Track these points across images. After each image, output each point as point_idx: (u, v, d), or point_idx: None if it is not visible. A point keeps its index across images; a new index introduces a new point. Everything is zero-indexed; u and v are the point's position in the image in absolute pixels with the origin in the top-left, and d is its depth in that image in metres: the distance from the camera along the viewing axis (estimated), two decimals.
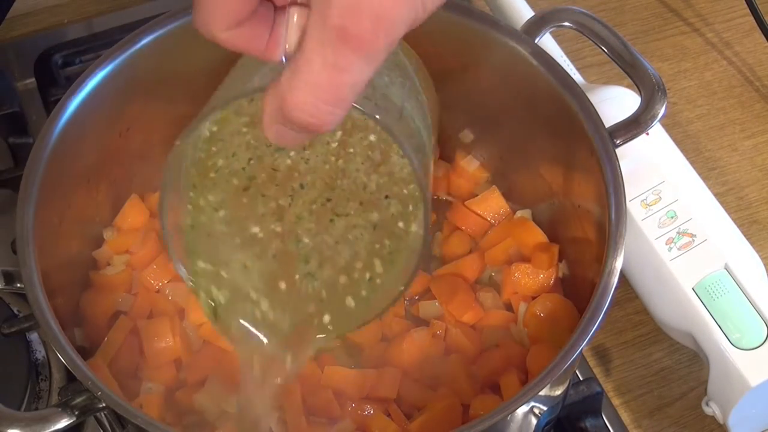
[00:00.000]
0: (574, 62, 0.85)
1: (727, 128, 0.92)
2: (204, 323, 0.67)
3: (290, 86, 0.37)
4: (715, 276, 0.70)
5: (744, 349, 0.67)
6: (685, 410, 0.75)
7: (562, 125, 0.65)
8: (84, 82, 0.65)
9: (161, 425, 0.54)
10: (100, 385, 0.54)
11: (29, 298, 0.57)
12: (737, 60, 0.97)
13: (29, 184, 0.61)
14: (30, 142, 0.86)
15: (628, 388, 0.77)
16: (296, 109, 0.37)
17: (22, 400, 0.70)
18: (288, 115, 0.38)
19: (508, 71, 0.68)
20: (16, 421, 0.54)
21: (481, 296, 0.71)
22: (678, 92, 0.94)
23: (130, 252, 0.71)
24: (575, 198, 0.68)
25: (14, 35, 0.96)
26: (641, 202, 0.74)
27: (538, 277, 0.69)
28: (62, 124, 0.63)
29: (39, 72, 0.92)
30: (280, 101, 0.38)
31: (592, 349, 0.78)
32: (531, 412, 0.60)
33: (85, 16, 0.98)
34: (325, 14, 0.36)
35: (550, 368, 0.54)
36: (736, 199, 0.87)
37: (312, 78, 0.37)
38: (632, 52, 0.66)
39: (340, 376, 0.65)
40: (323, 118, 0.38)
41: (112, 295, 0.69)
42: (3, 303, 0.75)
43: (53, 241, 0.64)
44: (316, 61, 0.36)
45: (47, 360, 0.74)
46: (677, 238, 0.72)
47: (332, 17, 0.36)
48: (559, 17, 0.69)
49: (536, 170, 0.72)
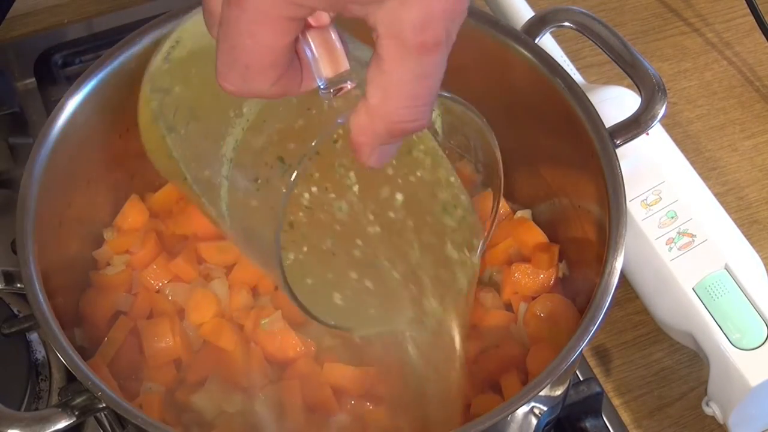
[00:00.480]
0: (574, 62, 0.85)
1: (728, 128, 0.92)
2: (204, 323, 0.67)
3: (386, 105, 0.40)
4: (715, 276, 0.70)
5: (744, 349, 0.67)
6: (685, 410, 0.75)
7: (562, 125, 0.65)
8: (84, 82, 0.65)
9: (161, 425, 0.54)
10: (100, 385, 0.54)
11: (29, 298, 0.57)
12: (737, 60, 0.97)
13: (29, 184, 0.61)
14: (30, 142, 0.86)
15: (628, 388, 0.77)
16: (399, 121, 0.40)
17: (22, 400, 0.70)
18: (391, 131, 0.40)
19: (508, 71, 0.68)
20: (16, 421, 0.54)
21: (482, 296, 0.71)
22: (678, 92, 0.94)
23: (130, 252, 0.71)
24: (575, 198, 0.68)
25: (14, 35, 0.96)
26: (641, 202, 0.74)
27: (538, 277, 0.69)
28: (62, 124, 0.63)
29: (39, 72, 0.92)
30: (380, 124, 0.40)
31: (592, 349, 0.78)
32: (531, 412, 0.60)
33: (85, 16, 0.98)
34: (401, 36, 0.38)
35: (550, 368, 0.54)
36: (736, 199, 0.87)
37: (405, 90, 0.39)
38: (632, 52, 0.66)
39: (340, 373, 0.65)
40: (424, 116, 0.40)
41: (112, 295, 0.69)
42: (3, 303, 0.75)
43: (53, 241, 0.64)
44: (405, 76, 0.39)
45: (47, 360, 0.74)
46: (677, 238, 0.72)
47: (410, 38, 0.38)
48: (559, 17, 0.69)
49: (536, 170, 0.72)
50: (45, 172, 0.62)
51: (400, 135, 0.41)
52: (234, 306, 0.68)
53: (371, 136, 0.41)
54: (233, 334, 0.66)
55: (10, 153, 0.87)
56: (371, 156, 0.42)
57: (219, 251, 0.70)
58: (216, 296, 0.68)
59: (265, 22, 0.38)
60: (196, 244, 0.70)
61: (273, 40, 0.39)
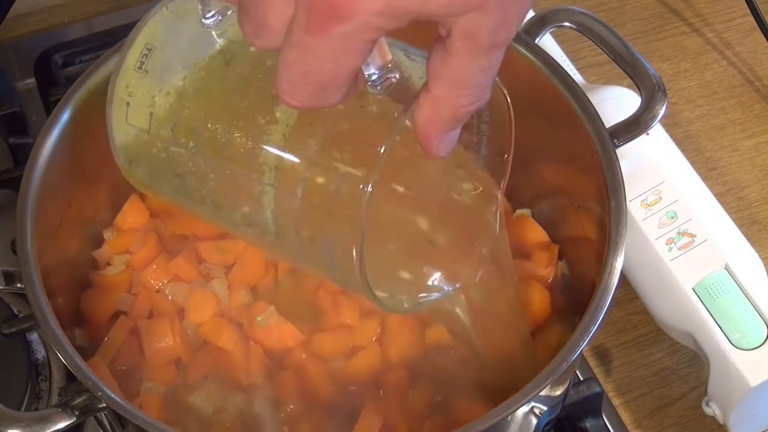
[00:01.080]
0: (574, 62, 0.85)
1: (728, 128, 0.92)
2: (204, 323, 0.67)
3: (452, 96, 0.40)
4: (715, 276, 0.70)
5: (744, 349, 0.67)
6: (686, 410, 0.75)
7: (563, 126, 0.65)
8: (84, 82, 0.65)
9: (161, 425, 0.54)
10: (100, 385, 0.54)
11: (29, 298, 0.57)
12: (737, 60, 0.97)
13: (29, 184, 0.61)
14: (30, 142, 0.86)
15: (628, 388, 0.77)
16: (463, 105, 0.41)
17: (22, 400, 0.70)
18: (456, 116, 0.41)
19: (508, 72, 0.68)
20: (16, 421, 0.54)
21: None
22: (678, 92, 0.95)
23: (130, 252, 0.71)
24: (575, 198, 0.68)
25: (14, 35, 0.96)
26: (641, 202, 0.74)
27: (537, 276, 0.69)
28: (62, 124, 0.63)
29: (39, 72, 0.92)
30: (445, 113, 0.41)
31: (592, 349, 0.78)
32: (531, 412, 0.60)
33: (85, 16, 0.98)
34: (476, 40, 0.38)
35: (550, 368, 0.54)
36: (736, 199, 0.87)
37: (472, 81, 0.40)
38: (632, 52, 0.66)
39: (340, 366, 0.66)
40: (485, 96, 0.41)
41: (112, 295, 0.69)
42: (3, 303, 0.75)
43: (53, 241, 0.64)
44: (473, 70, 0.39)
45: (47, 360, 0.74)
46: (677, 238, 0.72)
47: (484, 40, 0.38)
48: (559, 17, 0.69)
49: (536, 170, 0.72)
50: (45, 172, 0.62)
51: (465, 117, 0.41)
52: (233, 305, 0.68)
53: (438, 125, 0.42)
54: (233, 334, 0.66)
55: (10, 153, 0.87)
56: (440, 145, 0.43)
57: (218, 251, 0.70)
58: (216, 296, 0.68)
59: (351, 51, 0.37)
60: (195, 243, 0.70)
61: (356, 63, 0.38)
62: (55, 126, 0.63)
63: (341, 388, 0.65)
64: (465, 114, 0.41)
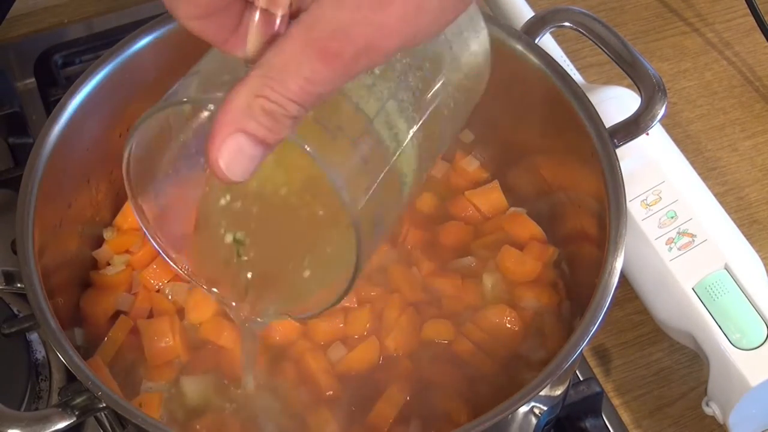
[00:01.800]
0: (574, 62, 0.85)
1: (727, 128, 0.92)
2: (204, 322, 0.67)
3: (263, 84, 0.37)
4: (715, 276, 0.70)
5: (744, 349, 0.67)
6: (685, 410, 0.75)
7: (563, 125, 0.65)
8: (84, 82, 0.65)
9: (161, 425, 0.54)
10: (100, 385, 0.54)
11: (29, 298, 0.57)
12: (737, 60, 0.97)
13: (29, 184, 0.61)
14: (30, 142, 0.86)
15: (628, 388, 0.77)
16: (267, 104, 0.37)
17: (22, 400, 0.70)
18: (262, 109, 0.37)
19: (508, 71, 0.68)
20: (16, 421, 0.54)
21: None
22: (678, 92, 0.95)
23: (130, 252, 0.71)
24: (575, 198, 0.68)
25: (14, 35, 0.96)
26: (641, 202, 0.74)
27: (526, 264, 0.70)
28: (62, 124, 0.63)
29: (39, 72, 0.92)
30: (249, 100, 0.37)
31: (592, 349, 0.78)
32: (531, 412, 0.60)
33: (85, 16, 0.98)
34: (311, 31, 0.36)
35: (550, 368, 0.54)
36: (736, 199, 0.87)
37: (285, 84, 0.36)
38: (632, 52, 0.66)
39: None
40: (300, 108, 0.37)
41: (112, 295, 0.69)
42: (3, 303, 0.75)
43: (53, 241, 0.64)
44: (291, 70, 0.36)
45: (47, 360, 0.74)
46: (677, 238, 0.72)
47: (318, 37, 0.36)
48: (559, 17, 0.69)
49: (536, 170, 0.72)
50: (45, 172, 0.62)
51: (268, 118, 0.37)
52: None
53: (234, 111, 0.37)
54: (233, 333, 0.66)
55: (10, 153, 0.87)
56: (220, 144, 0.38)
57: None
58: None
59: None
60: None
61: None
62: (55, 126, 0.63)
63: (342, 379, 0.65)
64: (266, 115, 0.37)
